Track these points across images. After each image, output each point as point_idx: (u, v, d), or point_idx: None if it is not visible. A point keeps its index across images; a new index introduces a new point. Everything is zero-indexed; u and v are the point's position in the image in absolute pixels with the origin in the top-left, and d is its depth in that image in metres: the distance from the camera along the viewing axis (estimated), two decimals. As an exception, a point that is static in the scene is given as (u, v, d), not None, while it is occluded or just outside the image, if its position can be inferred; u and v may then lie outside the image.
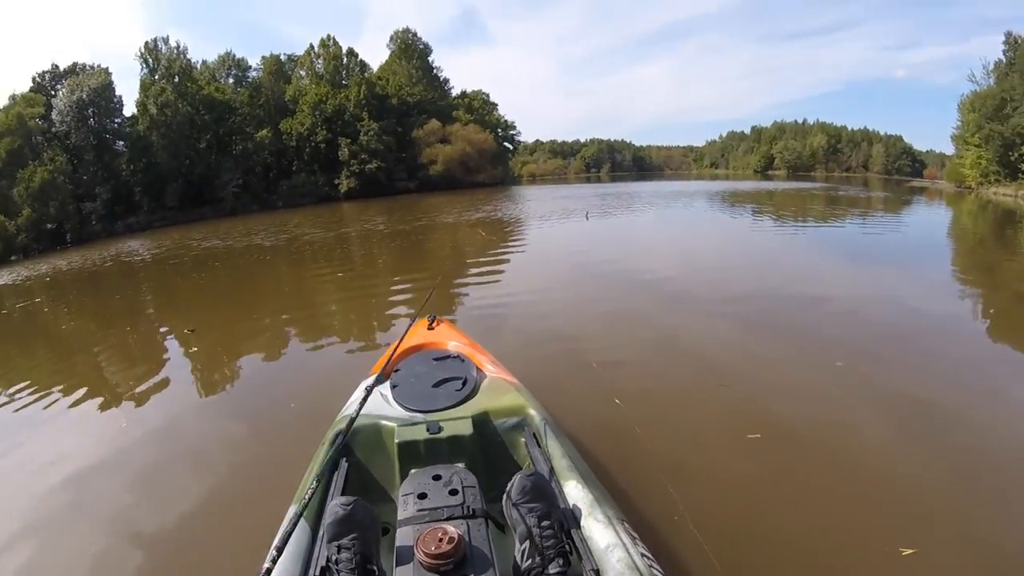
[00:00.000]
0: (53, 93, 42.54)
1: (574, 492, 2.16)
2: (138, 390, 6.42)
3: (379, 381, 3.12)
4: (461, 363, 3.28)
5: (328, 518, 1.93)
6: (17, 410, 6.13)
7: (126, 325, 10.10)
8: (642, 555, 1.86)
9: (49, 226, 34.13)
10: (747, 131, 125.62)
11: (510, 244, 15.87)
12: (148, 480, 4.21)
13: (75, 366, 7.98)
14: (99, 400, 6.20)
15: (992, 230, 18.72)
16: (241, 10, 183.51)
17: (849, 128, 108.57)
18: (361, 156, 49.76)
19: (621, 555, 1.83)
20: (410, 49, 60.08)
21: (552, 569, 1.83)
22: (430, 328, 3.95)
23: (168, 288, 13.92)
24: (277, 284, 12.98)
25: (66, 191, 36.58)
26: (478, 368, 3.28)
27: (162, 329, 9.61)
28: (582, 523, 2.00)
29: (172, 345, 8.48)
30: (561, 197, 35.07)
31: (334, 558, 1.84)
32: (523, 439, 2.67)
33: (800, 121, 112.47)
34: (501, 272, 11.71)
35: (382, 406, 2.90)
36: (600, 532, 1.94)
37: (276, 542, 1.88)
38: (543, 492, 1.99)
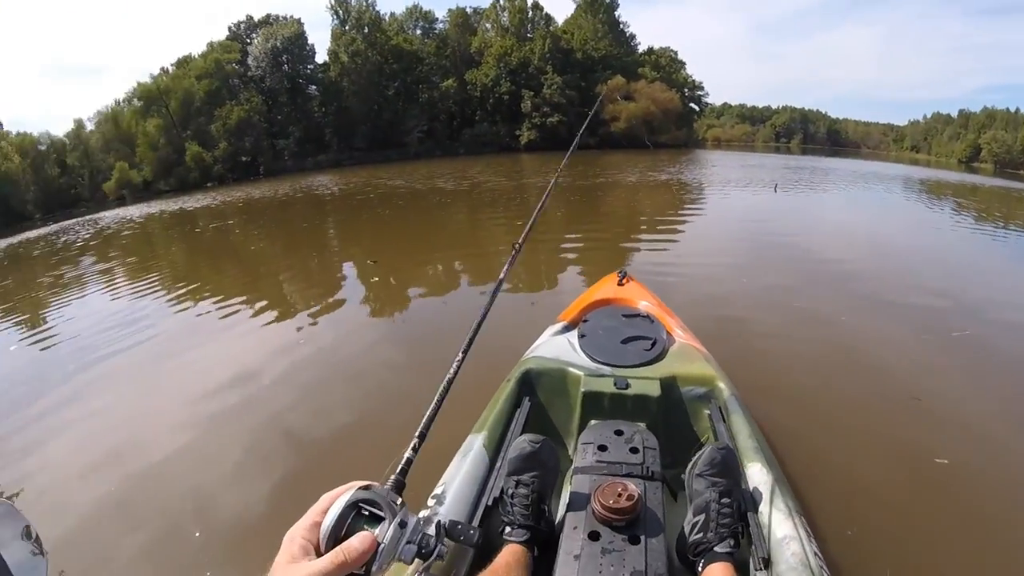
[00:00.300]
0: (248, 41, 46.45)
1: (757, 475, 2.03)
2: (314, 310, 6.83)
3: (567, 329, 3.25)
4: (651, 323, 3.17)
5: (513, 452, 1.95)
6: (201, 315, 6.94)
7: (311, 251, 11.10)
8: (815, 554, 1.73)
9: (244, 159, 38.98)
10: (954, 114, 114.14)
11: (694, 208, 14.68)
12: (311, 391, 4.51)
13: (258, 283, 8.55)
14: (276, 314, 6.73)
15: None
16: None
17: None
18: (543, 109, 49.57)
19: (796, 549, 1.71)
20: (596, 3, 58.11)
21: (721, 548, 1.72)
22: (620, 284, 3.82)
23: (352, 221, 14.41)
24: (456, 225, 13.17)
25: (260, 128, 40.66)
26: (668, 331, 3.14)
27: (343, 258, 10.29)
28: (760, 508, 1.89)
29: (351, 273, 8.94)
30: (749, 166, 32.76)
31: (510, 491, 1.87)
32: (707, 411, 2.54)
33: (1013, 110, 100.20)
34: (681, 235, 10.74)
35: (569, 353, 2.86)
36: (778, 521, 1.81)
37: (454, 463, 2.08)
38: (730, 469, 1.89)
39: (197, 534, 3.01)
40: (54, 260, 13.80)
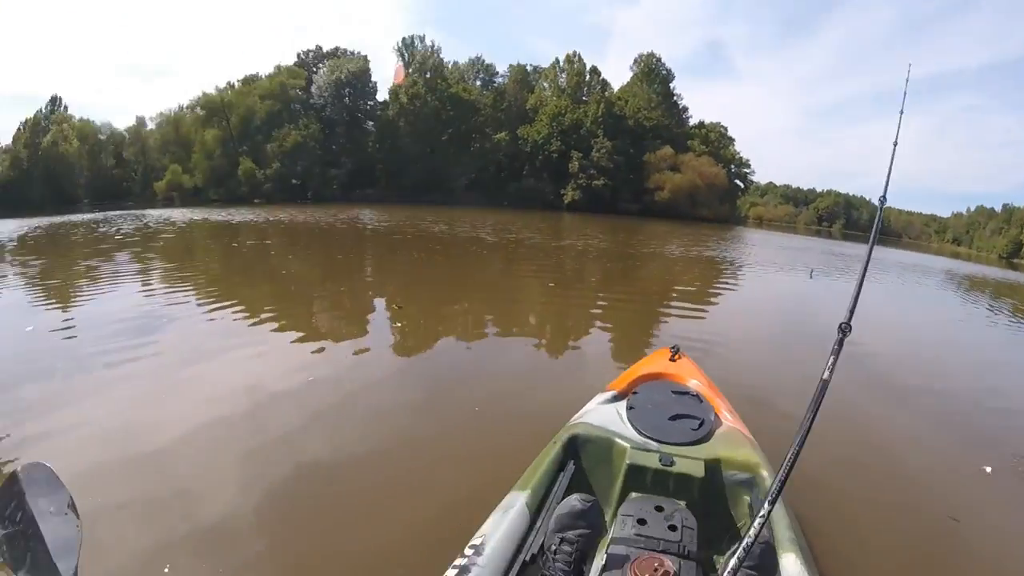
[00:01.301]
0: (315, 70, 48.50)
1: (791, 568, 2.03)
2: (338, 339, 6.88)
3: (616, 398, 3.27)
4: (699, 403, 3.18)
5: (563, 509, 2.02)
6: (228, 324, 7.09)
7: (343, 282, 10.92)
8: None
9: (294, 181, 40.33)
10: (998, 208, 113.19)
11: (739, 287, 14.57)
12: (322, 418, 4.51)
13: (286, 304, 8.64)
14: (297, 336, 6.76)
15: None
16: (496, 22, 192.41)
17: None
18: (590, 171, 50.11)
19: None
20: (652, 73, 59.26)
21: None
22: (672, 360, 3.85)
23: (389, 257, 14.43)
24: (489, 276, 13.18)
25: (315, 155, 42.27)
26: (716, 412, 3.17)
27: (375, 292, 10.33)
28: None
29: (379, 308, 9.07)
30: (791, 248, 32.46)
31: (554, 547, 1.93)
32: (748, 497, 2.56)
33: None
34: (727, 314, 10.97)
35: (617, 423, 2.91)
36: None
37: (494, 516, 2.10)
38: (767, 564, 1.94)
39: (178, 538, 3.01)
40: (88, 249, 14.14)
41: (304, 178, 41.18)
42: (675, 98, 61.30)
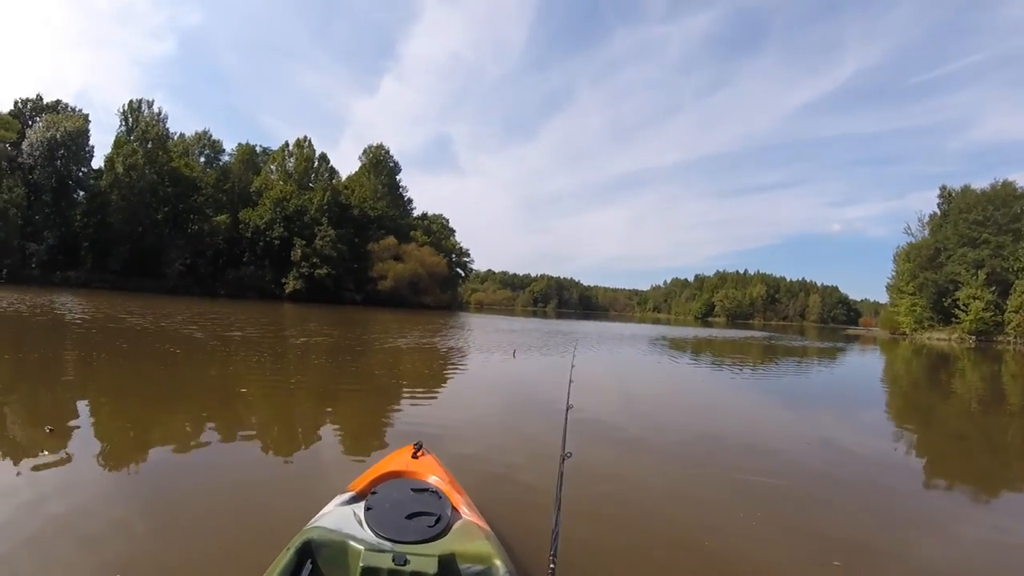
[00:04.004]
0: (30, 124, 42.37)
1: None
2: (30, 456, 5.46)
3: (355, 500, 3.26)
4: (438, 499, 3.28)
5: None
6: None
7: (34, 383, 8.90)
8: None
9: None
10: (691, 279, 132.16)
11: (459, 371, 15.51)
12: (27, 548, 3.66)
13: None
14: None
15: (927, 373, 21.06)
16: (231, 95, 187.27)
17: (788, 279, 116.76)
18: (313, 260, 50.45)
19: None
20: (380, 165, 62.50)
21: None
22: (414, 456, 3.94)
23: (92, 357, 12.61)
24: (205, 380, 11.44)
25: (15, 225, 35.76)
26: (454, 507, 3.26)
27: (77, 401, 8.38)
28: None
29: (83, 414, 7.48)
30: (505, 330, 34.49)
31: None
32: None
33: (741, 271, 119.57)
34: (446, 400, 10.54)
35: (353, 525, 2.89)
36: None
37: None
38: None
39: None
40: None
41: (0, 252, 35.10)
42: (401, 189, 65.03)
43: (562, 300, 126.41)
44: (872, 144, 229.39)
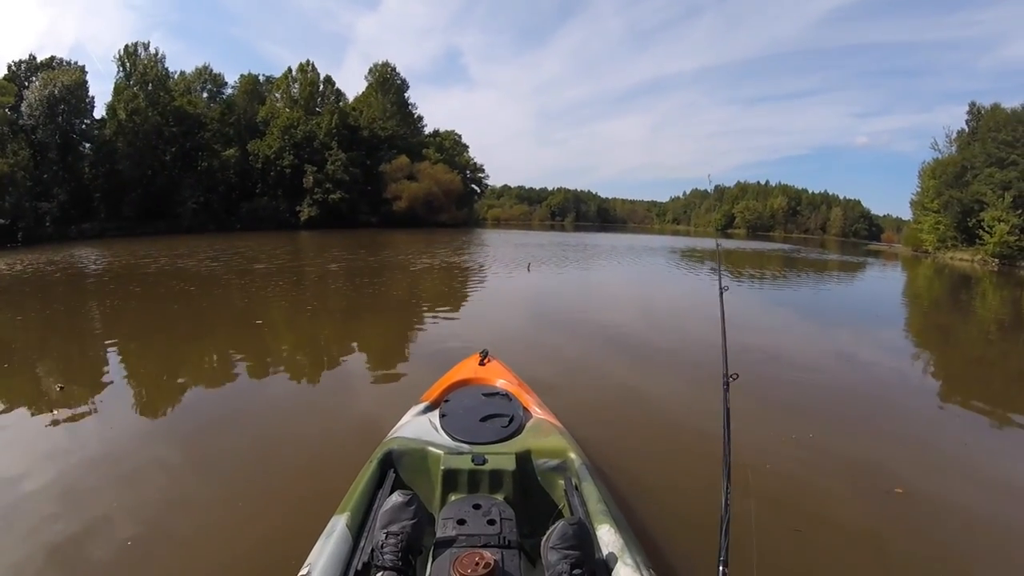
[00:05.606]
0: (26, 85, 41.51)
1: (607, 537, 2.23)
2: (74, 406, 5.85)
3: (429, 409, 3.49)
4: (508, 401, 3.44)
5: (386, 506, 2.15)
6: None
7: (67, 341, 9.30)
8: None
9: (1, 222, 32.61)
10: (710, 190, 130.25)
11: (479, 289, 16.19)
12: (77, 497, 3.92)
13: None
14: (26, 411, 5.76)
15: (949, 294, 21.20)
16: (230, 25, 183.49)
17: (810, 191, 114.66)
18: (326, 185, 50.03)
19: None
20: (387, 83, 61.18)
21: None
22: (481, 364, 4.14)
23: (120, 304, 12.60)
24: (230, 312, 12.05)
25: (24, 187, 35.40)
26: (525, 408, 3.41)
27: (106, 347, 8.77)
28: (612, 570, 2.06)
29: (114, 363, 7.84)
30: (519, 244, 35.34)
31: (380, 543, 2.01)
32: (562, 481, 2.79)
33: (763, 182, 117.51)
34: (462, 317, 11.77)
35: (431, 432, 3.06)
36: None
37: (318, 544, 2.13)
38: (581, 540, 2.04)
39: None
40: None
41: (13, 216, 33.74)
42: (410, 107, 63.87)
43: (580, 213, 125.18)
44: (902, 55, 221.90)
